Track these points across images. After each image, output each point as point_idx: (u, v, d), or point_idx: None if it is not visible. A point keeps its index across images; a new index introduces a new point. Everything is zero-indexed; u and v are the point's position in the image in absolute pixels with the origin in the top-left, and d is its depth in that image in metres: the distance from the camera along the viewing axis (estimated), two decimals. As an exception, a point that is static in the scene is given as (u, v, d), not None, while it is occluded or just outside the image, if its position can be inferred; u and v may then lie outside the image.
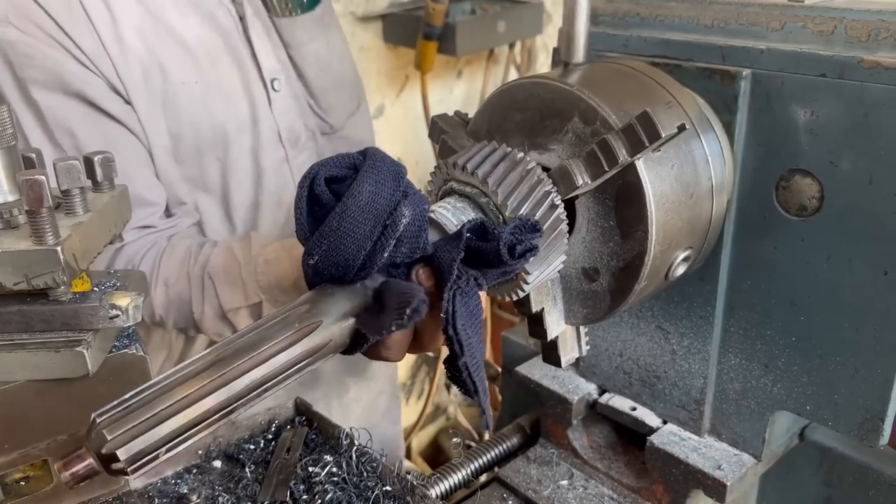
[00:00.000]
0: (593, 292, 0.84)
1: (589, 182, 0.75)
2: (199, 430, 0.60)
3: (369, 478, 0.94)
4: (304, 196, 0.68)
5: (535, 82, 0.83)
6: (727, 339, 0.97)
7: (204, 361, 0.61)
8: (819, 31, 0.82)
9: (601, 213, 0.80)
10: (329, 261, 0.66)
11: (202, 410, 0.59)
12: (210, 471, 1.02)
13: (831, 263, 0.84)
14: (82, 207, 0.71)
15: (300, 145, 1.45)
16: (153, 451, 0.58)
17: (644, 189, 0.76)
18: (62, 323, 0.70)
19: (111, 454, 0.56)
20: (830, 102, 0.80)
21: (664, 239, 0.79)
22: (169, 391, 0.59)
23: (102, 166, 0.76)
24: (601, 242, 0.81)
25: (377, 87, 2.61)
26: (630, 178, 0.77)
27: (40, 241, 0.65)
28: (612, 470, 1.10)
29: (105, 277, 0.78)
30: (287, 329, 0.64)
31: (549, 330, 0.86)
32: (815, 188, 0.83)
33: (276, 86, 1.39)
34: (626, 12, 0.98)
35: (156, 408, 0.58)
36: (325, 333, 0.66)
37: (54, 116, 1.19)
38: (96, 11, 1.19)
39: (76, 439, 0.77)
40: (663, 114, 0.75)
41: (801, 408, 0.92)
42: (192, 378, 0.60)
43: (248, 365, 0.61)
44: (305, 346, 0.64)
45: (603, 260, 0.82)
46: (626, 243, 0.79)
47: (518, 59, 2.95)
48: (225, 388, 0.60)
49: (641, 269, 0.79)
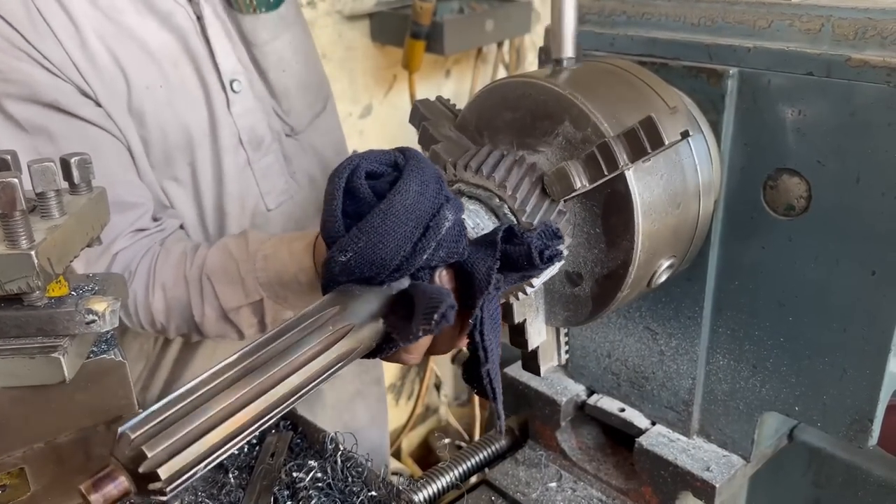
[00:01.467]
0: (575, 297, 0.84)
1: (586, 185, 0.74)
2: (237, 442, 0.56)
3: (354, 483, 0.93)
4: (341, 188, 0.65)
5: (527, 82, 0.82)
6: (715, 339, 0.96)
7: (238, 369, 0.57)
8: (806, 30, 0.81)
9: (588, 219, 0.79)
10: (364, 259, 0.63)
11: (242, 422, 0.56)
12: (193, 476, 1.00)
13: (819, 263, 0.84)
14: (58, 210, 0.69)
15: (263, 148, 1.41)
16: (193, 468, 0.53)
17: (632, 199, 0.75)
18: (37, 329, 0.68)
19: (151, 473, 0.51)
20: (817, 101, 0.79)
21: (649, 248, 0.79)
22: (205, 402, 0.55)
23: (79, 168, 0.74)
24: (586, 248, 0.81)
25: (364, 87, 2.60)
26: (619, 188, 0.76)
27: (14, 245, 0.63)
28: (601, 472, 1.10)
29: (83, 281, 0.76)
30: (320, 333, 0.60)
31: (530, 340, 0.86)
32: (803, 188, 0.83)
33: (235, 87, 1.35)
34: (612, 11, 0.98)
35: (194, 421, 0.53)
36: (357, 337, 0.63)
37: (33, 127, 1.17)
38: (57, 20, 1.16)
39: (54, 447, 0.75)
40: (666, 119, 0.74)
41: (789, 408, 0.92)
42: (227, 387, 0.56)
43: (285, 372, 0.58)
44: (339, 350, 0.61)
45: (587, 266, 0.81)
46: (611, 251, 0.79)
47: (507, 58, 2.94)
48: (263, 398, 0.57)
49: (625, 278, 0.78)
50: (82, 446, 0.75)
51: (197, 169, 1.34)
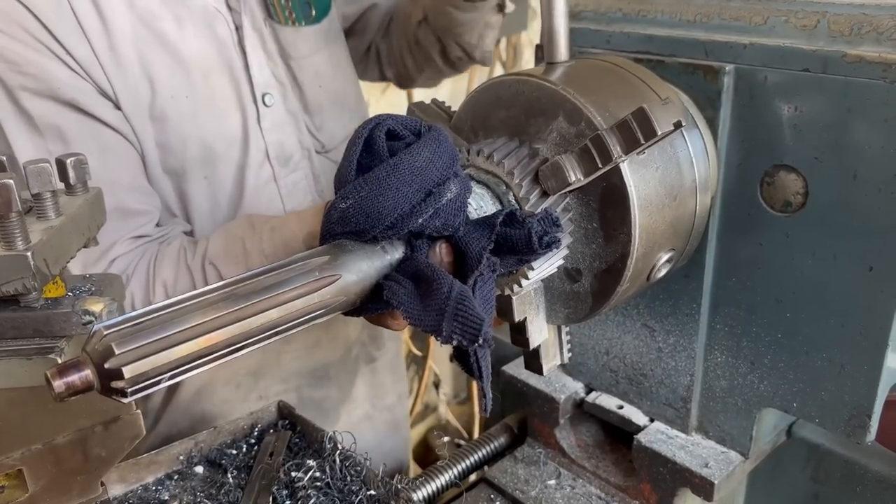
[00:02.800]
0: (575, 293, 0.84)
1: (581, 179, 0.74)
2: (206, 361, 0.57)
3: (353, 482, 0.93)
4: (362, 138, 0.68)
5: (520, 80, 0.82)
6: (713, 336, 0.96)
7: (220, 293, 0.59)
8: (802, 26, 0.81)
9: (585, 214, 0.79)
10: (362, 209, 0.65)
11: (213, 342, 0.57)
12: (192, 476, 1.00)
13: (816, 259, 0.84)
14: (54, 211, 0.69)
15: (292, 164, 1.39)
16: (158, 376, 0.54)
17: (628, 192, 0.76)
18: (34, 330, 0.68)
19: (115, 370, 0.52)
20: (814, 97, 0.79)
21: (647, 241, 0.79)
22: (182, 316, 0.56)
23: (75, 169, 0.74)
24: (584, 244, 0.81)
25: (361, 86, 2.59)
26: (614, 181, 0.76)
27: (10, 246, 0.63)
28: (600, 469, 1.10)
29: (80, 282, 0.76)
30: (307, 276, 0.62)
31: (531, 339, 0.85)
32: (800, 184, 0.83)
33: (267, 101, 1.33)
34: (608, 8, 0.97)
35: (167, 331, 0.55)
36: (342, 288, 0.64)
37: (46, 124, 1.15)
38: (88, 18, 1.15)
39: (52, 448, 0.75)
40: (659, 110, 0.74)
41: (787, 405, 0.92)
42: (206, 307, 0.57)
43: (265, 305, 0.59)
44: (322, 297, 0.62)
45: (585, 261, 0.81)
46: (609, 245, 0.79)
47: (503, 56, 2.94)
48: (238, 324, 0.58)
49: (624, 272, 0.78)
50: (80, 447, 0.75)
51: (215, 182, 1.32)
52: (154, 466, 1.00)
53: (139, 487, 0.98)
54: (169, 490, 0.98)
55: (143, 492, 0.98)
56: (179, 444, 1.03)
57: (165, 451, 1.01)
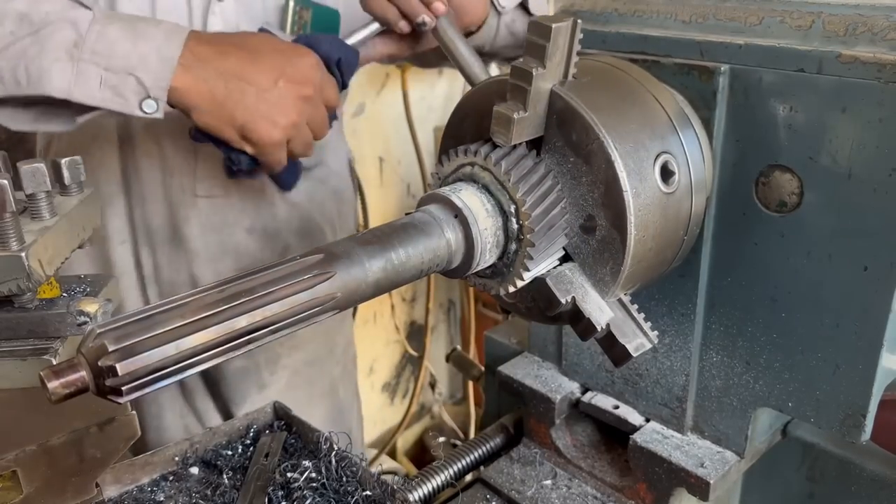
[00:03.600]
0: (603, 242, 0.78)
1: (524, 112, 0.74)
2: (202, 360, 0.58)
3: (349, 482, 0.93)
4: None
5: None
6: (708, 336, 0.96)
7: (214, 292, 0.60)
8: (797, 26, 0.81)
9: (560, 158, 0.78)
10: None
11: (207, 340, 0.58)
12: (187, 478, 1.00)
13: (811, 259, 0.84)
14: (49, 212, 0.69)
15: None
16: (152, 373, 0.55)
17: (572, 104, 0.76)
18: (29, 330, 0.68)
19: (110, 371, 0.53)
20: (809, 97, 0.79)
21: (621, 138, 0.76)
22: (177, 317, 0.57)
23: (70, 169, 0.74)
24: (576, 186, 0.78)
25: (357, 86, 2.59)
26: (558, 105, 0.76)
27: (4, 247, 0.63)
28: (596, 469, 1.10)
29: (74, 283, 0.76)
30: (302, 274, 0.64)
31: (594, 317, 0.78)
32: (795, 184, 0.83)
33: None
34: (604, 8, 0.98)
35: (160, 328, 0.55)
36: (338, 285, 0.66)
37: None
38: None
39: (47, 449, 0.75)
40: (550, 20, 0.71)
41: (783, 404, 0.92)
42: (202, 308, 0.58)
43: (261, 303, 0.60)
44: (315, 293, 0.64)
45: (588, 202, 0.78)
46: (593, 166, 0.76)
47: (499, 57, 2.94)
48: (231, 322, 0.59)
49: (619, 178, 0.74)
50: (75, 448, 0.75)
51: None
52: (149, 467, 1.00)
53: (134, 488, 0.98)
54: (164, 491, 0.98)
55: (139, 493, 0.97)
56: (175, 445, 1.03)
57: (160, 452, 1.01)
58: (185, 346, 0.56)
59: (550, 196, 0.77)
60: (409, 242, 0.72)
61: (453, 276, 0.81)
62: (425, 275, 0.76)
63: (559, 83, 0.76)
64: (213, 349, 0.58)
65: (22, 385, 0.68)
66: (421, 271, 0.74)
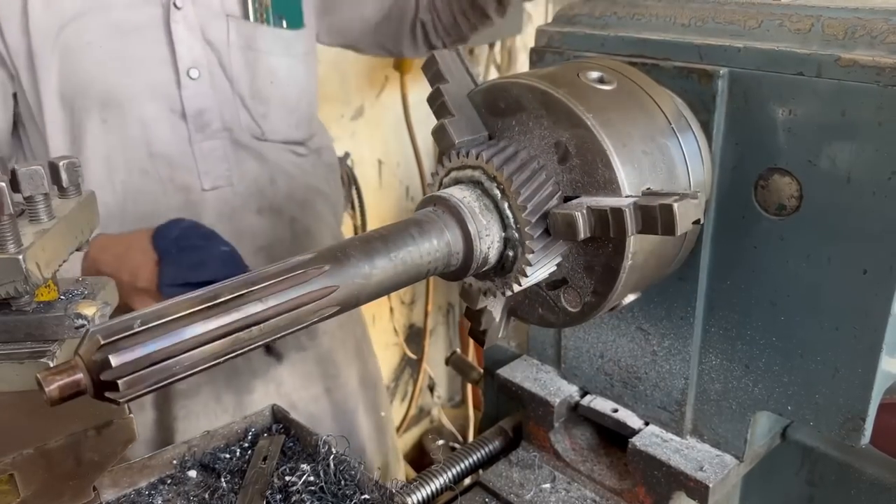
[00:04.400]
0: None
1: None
2: (200, 370, 0.58)
3: (347, 486, 0.92)
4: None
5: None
6: (707, 339, 0.96)
7: (214, 302, 0.59)
8: (796, 29, 0.81)
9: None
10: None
11: (207, 354, 0.58)
12: (185, 481, 1.00)
13: (811, 263, 0.84)
14: (46, 214, 0.69)
15: (209, 132, 1.57)
16: (152, 386, 0.55)
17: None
18: (26, 333, 0.68)
19: (108, 373, 0.52)
20: (808, 101, 0.79)
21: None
22: (175, 326, 0.57)
23: (68, 171, 0.74)
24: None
25: (357, 89, 2.59)
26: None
27: (2, 249, 0.63)
28: (595, 472, 1.10)
29: (73, 286, 0.76)
30: (306, 287, 0.64)
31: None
32: (794, 187, 0.83)
33: (192, 74, 1.52)
34: (603, 12, 0.98)
35: (163, 342, 0.55)
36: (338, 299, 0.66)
37: None
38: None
39: (44, 453, 0.75)
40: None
41: (782, 408, 0.92)
42: (202, 318, 0.58)
43: (260, 295, 0.61)
44: (320, 305, 0.64)
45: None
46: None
47: (498, 59, 2.94)
48: (234, 337, 0.59)
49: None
50: (72, 451, 0.75)
51: (114, 127, 1.51)
52: (147, 471, 1.00)
53: (132, 492, 0.98)
54: (162, 495, 0.97)
55: (136, 496, 0.97)
56: (172, 448, 1.02)
57: (158, 456, 1.01)
58: (182, 337, 0.56)
59: (545, 189, 0.77)
60: (411, 243, 0.72)
61: (454, 279, 0.81)
62: (429, 275, 0.76)
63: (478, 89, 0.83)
64: (212, 342, 0.58)
65: (19, 388, 0.68)
66: (424, 271, 0.74)
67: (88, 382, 0.53)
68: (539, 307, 0.86)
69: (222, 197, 1.61)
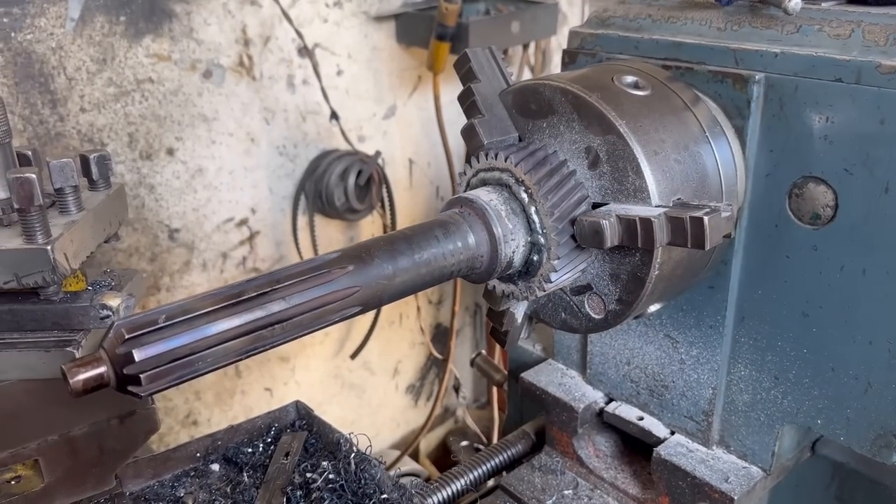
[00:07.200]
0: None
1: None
2: (219, 367, 0.59)
3: (368, 485, 0.92)
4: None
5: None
6: (737, 349, 0.94)
7: (238, 286, 0.60)
8: (836, 35, 0.79)
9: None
10: None
11: (229, 351, 0.58)
12: (208, 474, 1.00)
13: (845, 274, 0.82)
14: (76, 206, 0.70)
15: None
16: (174, 382, 0.56)
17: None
18: (53, 322, 0.68)
19: (131, 367, 0.53)
20: (846, 108, 0.77)
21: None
22: (198, 323, 0.57)
23: (98, 164, 0.75)
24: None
25: (389, 88, 2.59)
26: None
27: (30, 239, 0.64)
28: (618, 480, 1.08)
29: (100, 277, 0.77)
30: (328, 287, 0.64)
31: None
32: (830, 196, 0.81)
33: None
34: (637, 14, 0.96)
35: (185, 339, 0.56)
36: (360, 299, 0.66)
37: None
38: None
39: (68, 440, 0.76)
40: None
41: (811, 421, 0.90)
42: (225, 315, 0.58)
43: (283, 294, 0.61)
44: (342, 307, 0.65)
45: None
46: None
47: (532, 60, 2.92)
48: (255, 335, 0.59)
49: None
50: (96, 440, 0.76)
51: None
52: (171, 463, 1.00)
53: (155, 483, 0.98)
54: (185, 487, 0.98)
55: (160, 488, 0.98)
56: (197, 441, 1.03)
57: (183, 448, 1.01)
58: (206, 334, 0.56)
59: (573, 196, 0.76)
60: (436, 244, 0.72)
61: (478, 281, 0.80)
62: (452, 277, 0.75)
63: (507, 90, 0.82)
64: (235, 339, 0.58)
65: (45, 376, 0.69)
66: (448, 273, 0.74)
67: (112, 376, 0.54)
68: (562, 311, 0.85)
69: None
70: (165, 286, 2.07)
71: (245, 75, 2.06)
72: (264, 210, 2.24)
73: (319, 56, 2.23)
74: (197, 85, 1.97)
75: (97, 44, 1.76)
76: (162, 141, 1.94)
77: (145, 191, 1.95)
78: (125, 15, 1.79)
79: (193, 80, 1.96)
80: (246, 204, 2.18)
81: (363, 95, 2.46)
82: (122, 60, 1.81)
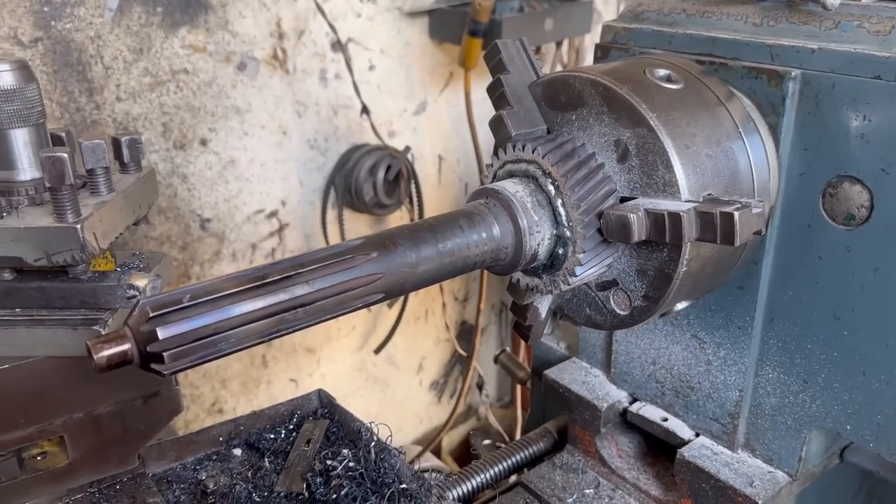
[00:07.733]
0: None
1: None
2: (242, 349, 0.59)
3: (387, 474, 0.92)
4: None
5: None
6: (765, 351, 0.92)
7: (262, 268, 0.60)
8: (875, 31, 0.78)
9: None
10: None
11: (251, 332, 0.58)
12: (230, 458, 1.01)
13: (879, 276, 0.80)
14: (106, 187, 0.71)
15: None
16: (197, 361, 0.56)
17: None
18: (80, 301, 0.69)
19: (154, 345, 0.54)
20: (885, 106, 0.76)
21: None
22: (222, 304, 0.57)
23: (129, 147, 0.75)
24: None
25: (421, 84, 2.60)
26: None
27: (61, 218, 0.65)
28: (640, 481, 1.07)
29: (129, 258, 0.78)
30: (352, 273, 0.64)
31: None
32: (865, 196, 0.79)
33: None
34: (672, 8, 0.95)
35: (208, 319, 0.56)
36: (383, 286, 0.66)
37: None
38: None
39: (93, 418, 0.76)
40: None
41: (840, 427, 0.88)
42: (248, 297, 0.59)
43: (306, 278, 0.61)
44: (364, 293, 0.65)
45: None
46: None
47: (565, 58, 2.91)
48: (278, 318, 0.60)
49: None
50: (120, 419, 0.77)
51: None
52: (193, 446, 1.01)
53: (178, 465, 0.99)
54: (207, 470, 0.99)
55: (182, 470, 0.99)
56: (220, 425, 1.04)
57: (206, 432, 1.02)
58: (230, 314, 0.57)
59: (601, 189, 0.75)
60: (460, 234, 0.72)
61: (502, 273, 0.80)
62: (476, 268, 0.75)
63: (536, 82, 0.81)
64: (258, 321, 0.58)
65: (72, 353, 0.70)
66: (471, 263, 0.73)
67: (136, 353, 0.54)
68: (587, 307, 0.85)
69: None
70: (196, 275, 2.09)
71: (278, 68, 2.08)
72: (294, 203, 2.25)
73: (352, 51, 2.24)
74: (231, 77, 1.98)
75: (134, 34, 1.78)
76: (195, 131, 1.96)
77: (178, 180, 1.97)
78: (162, 6, 1.81)
79: (228, 71, 1.97)
80: (276, 196, 2.20)
81: (394, 91, 2.46)
82: (158, 51, 1.83)
